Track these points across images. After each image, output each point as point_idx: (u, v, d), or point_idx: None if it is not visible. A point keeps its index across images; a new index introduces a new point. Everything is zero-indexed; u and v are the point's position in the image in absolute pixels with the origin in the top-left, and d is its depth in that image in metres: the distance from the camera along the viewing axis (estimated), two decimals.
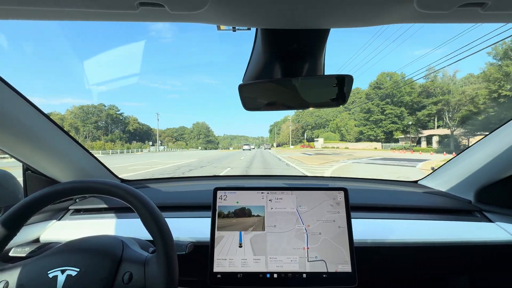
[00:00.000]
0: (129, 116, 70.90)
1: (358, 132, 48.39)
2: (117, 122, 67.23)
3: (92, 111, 61.75)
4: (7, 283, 0.46)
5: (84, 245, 0.51)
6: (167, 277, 0.46)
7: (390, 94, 41.82)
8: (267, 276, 0.60)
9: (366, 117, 46.35)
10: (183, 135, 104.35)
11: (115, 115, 65.60)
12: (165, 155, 25.14)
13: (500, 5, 0.31)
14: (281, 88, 0.60)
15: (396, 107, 41.58)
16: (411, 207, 0.85)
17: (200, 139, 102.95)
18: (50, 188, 0.50)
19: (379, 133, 43.61)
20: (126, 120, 68.75)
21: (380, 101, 43.73)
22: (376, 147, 38.80)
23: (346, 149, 38.22)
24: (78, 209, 0.88)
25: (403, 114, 41.09)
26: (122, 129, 67.67)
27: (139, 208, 0.49)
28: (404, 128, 40.77)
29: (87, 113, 60.69)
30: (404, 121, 40.90)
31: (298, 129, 72.01)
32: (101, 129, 62.28)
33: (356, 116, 54.12)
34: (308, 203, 0.66)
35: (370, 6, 0.33)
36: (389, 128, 42.40)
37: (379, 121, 43.70)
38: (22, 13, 0.33)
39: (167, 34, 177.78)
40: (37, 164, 0.79)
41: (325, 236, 0.63)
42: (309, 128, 66.92)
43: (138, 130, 71.32)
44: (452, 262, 0.77)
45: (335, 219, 0.64)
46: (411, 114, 40.76)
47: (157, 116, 54.40)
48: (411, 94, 40.70)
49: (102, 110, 63.71)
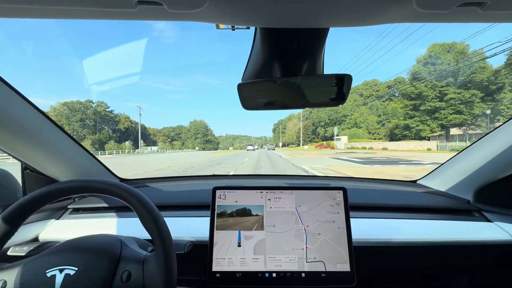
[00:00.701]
0: (120, 113, 71.66)
1: (389, 129, 42.80)
2: (107, 120, 67.66)
3: (77, 108, 62.00)
4: (5, 283, 0.50)
5: (82, 244, 0.56)
6: (166, 276, 0.50)
7: (455, 71, 32.09)
8: (265, 275, 0.66)
9: (412, 106, 36.29)
10: (180, 134, 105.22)
11: (104, 113, 65.93)
12: (138, 159, 21.13)
13: (499, 5, 0.33)
14: (280, 88, 0.65)
15: (463, 90, 31.68)
16: (410, 207, 0.93)
17: (198, 138, 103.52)
18: (49, 187, 0.54)
19: (435, 127, 35.01)
20: (116, 118, 69.17)
21: (436, 82, 33.84)
22: (430, 147, 29.32)
23: (385, 150, 31.34)
24: (77, 208, 0.97)
25: (474, 100, 31.09)
26: (113, 128, 68.09)
27: (138, 207, 0.53)
28: (473, 121, 32.01)
29: (72, 110, 61.02)
30: (474, 110, 31.41)
31: (308, 126, 69.36)
32: (88, 127, 62.60)
33: (382, 110, 48.99)
34: (307, 203, 0.72)
35: (369, 5, 0.36)
36: (450, 121, 33.12)
37: (434, 111, 34.30)
38: (20, 11, 0.35)
39: (169, 33, 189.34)
40: (36, 163, 0.87)
41: (324, 236, 0.68)
42: (322, 125, 63.15)
43: (130, 129, 71.78)
44: (450, 262, 0.84)
45: (335, 219, 0.70)
46: (485, 99, 30.88)
47: (139, 111, 52.64)
48: (483, 71, 30.66)
49: (89, 106, 63.98)
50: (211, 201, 0.71)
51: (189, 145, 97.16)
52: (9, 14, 0.36)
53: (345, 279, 0.66)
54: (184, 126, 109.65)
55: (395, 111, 47.80)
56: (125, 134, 69.69)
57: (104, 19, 0.38)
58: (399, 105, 42.36)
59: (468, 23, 0.39)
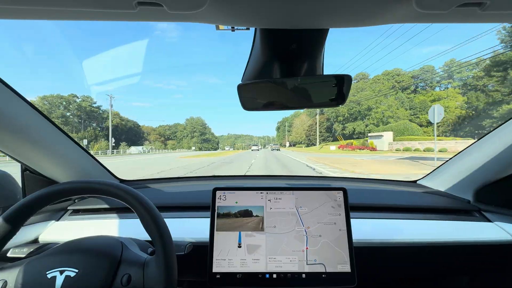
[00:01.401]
0: (107, 109, 71.66)
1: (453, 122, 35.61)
2: (94, 117, 67.32)
3: (57, 102, 61.23)
4: (6, 283, 0.55)
5: (83, 245, 0.61)
6: (166, 278, 0.55)
7: None
8: (266, 276, 0.74)
9: None
10: (176, 133, 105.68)
11: (89, 108, 65.39)
12: None
13: (499, 5, 0.36)
14: (280, 88, 0.72)
15: None
16: (410, 207, 1.02)
17: (195, 137, 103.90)
18: (49, 188, 0.58)
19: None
20: (104, 114, 68.67)
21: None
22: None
23: None
24: (77, 209, 1.07)
25: None
26: (100, 126, 67.86)
27: (138, 208, 0.58)
28: None
29: (53, 105, 60.49)
30: None
31: (321, 123, 66.58)
32: (70, 124, 62.20)
33: (408, 103, 44.40)
34: (308, 204, 0.80)
35: (368, 6, 0.39)
36: None
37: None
38: (20, 12, 0.38)
39: (172, 33, 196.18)
40: (36, 164, 0.97)
41: (325, 238, 0.76)
42: (339, 120, 56.52)
43: (120, 126, 71.57)
44: (451, 262, 0.92)
45: (336, 221, 0.78)
46: None
47: (110, 100, 47.98)
48: None
49: (72, 101, 63.40)
50: (211, 202, 0.79)
51: (185, 145, 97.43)
52: (9, 15, 0.39)
53: (345, 280, 0.73)
54: (180, 124, 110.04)
55: (424, 104, 45.62)
56: (115, 132, 69.72)
57: (104, 20, 0.42)
58: (428, 97, 39.86)
59: (468, 23, 0.42)
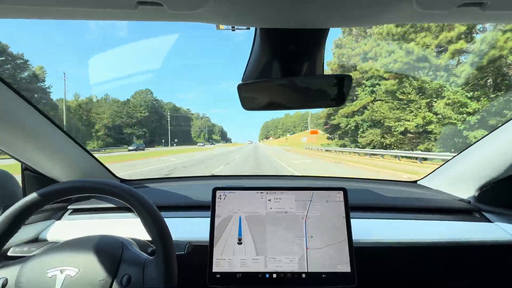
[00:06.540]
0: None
1: None
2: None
3: None
4: (6, 280, 0.57)
5: (84, 245, 0.62)
6: (166, 278, 0.57)
7: None
8: (266, 276, 0.75)
9: None
10: None
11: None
12: None
13: (499, 5, 0.37)
14: (280, 88, 0.74)
15: None
16: (410, 207, 1.04)
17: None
18: (50, 188, 0.60)
19: None
20: None
21: None
22: None
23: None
24: (77, 209, 1.09)
25: None
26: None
27: (139, 208, 0.61)
28: None
29: None
30: None
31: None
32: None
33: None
34: (308, 203, 0.82)
35: (369, 5, 0.40)
36: None
37: None
38: (21, 11, 0.39)
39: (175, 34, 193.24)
40: (36, 163, 0.99)
41: (325, 238, 0.78)
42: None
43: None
44: (451, 262, 0.94)
45: (335, 220, 0.80)
46: None
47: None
48: None
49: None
50: (211, 202, 0.81)
51: None
52: (10, 14, 0.40)
53: (345, 280, 0.75)
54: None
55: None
56: None
57: (105, 20, 0.43)
58: None
59: (468, 23, 0.52)
